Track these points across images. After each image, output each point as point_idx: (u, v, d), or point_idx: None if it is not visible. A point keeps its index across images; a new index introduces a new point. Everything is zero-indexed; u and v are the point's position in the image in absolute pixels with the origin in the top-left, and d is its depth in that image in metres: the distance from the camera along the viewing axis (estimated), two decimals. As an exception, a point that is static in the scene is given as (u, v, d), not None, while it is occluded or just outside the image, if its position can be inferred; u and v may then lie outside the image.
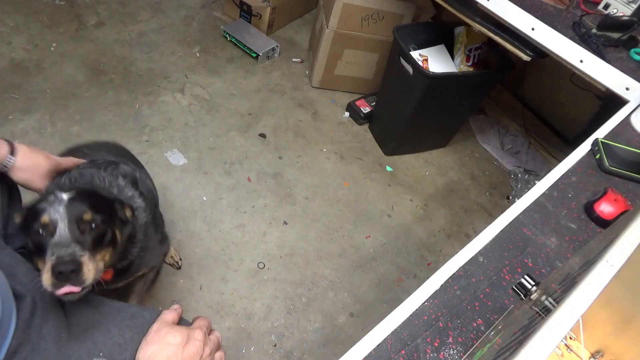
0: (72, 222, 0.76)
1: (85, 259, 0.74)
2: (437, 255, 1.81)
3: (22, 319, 0.62)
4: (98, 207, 0.81)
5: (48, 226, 0.75)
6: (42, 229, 0.75)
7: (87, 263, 0.73)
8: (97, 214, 0.80)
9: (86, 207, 0.79)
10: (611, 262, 0.47)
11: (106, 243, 0.82)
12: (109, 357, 0.67)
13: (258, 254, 1.64)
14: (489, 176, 2.20)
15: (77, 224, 0.77)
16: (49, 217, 0.76)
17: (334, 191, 1.92)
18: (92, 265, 0.75)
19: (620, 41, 1.31)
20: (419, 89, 1.79)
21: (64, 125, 1.81)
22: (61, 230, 0.75)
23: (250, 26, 2.45)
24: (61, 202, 0.78)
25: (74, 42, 2.16)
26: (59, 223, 0.76)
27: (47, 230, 0.75)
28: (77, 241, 0.75)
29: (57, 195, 0.79)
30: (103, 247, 0.81)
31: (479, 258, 0.79)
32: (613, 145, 1.04)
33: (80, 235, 0.76)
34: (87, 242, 0.77)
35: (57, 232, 0.75)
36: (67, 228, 0.75)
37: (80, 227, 0.77)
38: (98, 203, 0.83)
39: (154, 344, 0.67)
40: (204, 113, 2.05)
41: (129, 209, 0.91)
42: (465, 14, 1.55)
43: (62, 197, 0.79)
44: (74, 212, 0.77)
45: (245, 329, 1.45)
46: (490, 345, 0.60)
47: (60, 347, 0.64)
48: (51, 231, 0.75)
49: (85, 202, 0.80)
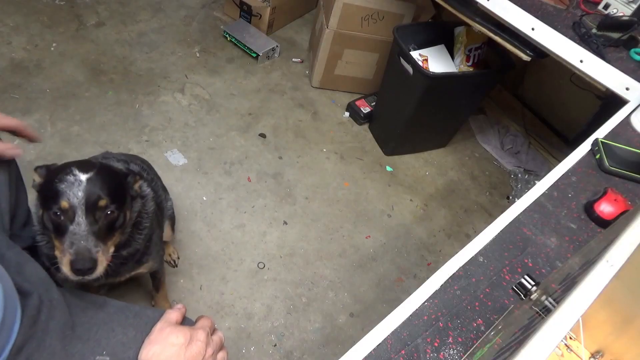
0: (90, 210, 0.80)
1: (100, 254, 0.79)
2: (437, 255, 1.81)
3: (28, 316, 0.62)
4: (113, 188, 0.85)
5: (67, 212, 0.79)
6: (62, 213, 0.80)
7: (101, 259, 0.80)
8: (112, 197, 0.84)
9: (103, 193, 0.82)
10: (611, 262, 0.47)
11: (117, 228, 0.87)
12: (112, 355, 0.67)
13: (258, 254, 1.64)
14: (489, 176, 2.20)
15: (94, 213, 0.81)
16: (69, 202, 0.79)
17: (334, 191, 1.92)
18: (105, 257, 0.81)
19: (620, 41, 1.31)
20: (419, 89, 1.79)
21: (64, 125, 1.81)
22: (79, 218, 0.79)
23: (250, 26, 2.45)
24: (80, 184, 0.81)
25: (74, 42, 2.16)
26: (77, 210, 0.79)
27: (67, 216, 0.79)
28: (93, 232, 0.80)
29: (76, 175, 0.81)
30: (114, 232, 0.86)
31: (479, 258, 0.79)
32: (613, 145, 1.04)
33: (95, 225, 0.81)
34: (102, 231, 0.82)
35: (75, 219, 0.79)
36: (84, 216, 0.79)
37: (96, 216, 0.81)
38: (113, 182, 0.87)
39: (157, 344, 0.68)
40: (204, 113, 2.05)
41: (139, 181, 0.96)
42: (465, 14, 1.55)
43: (81, 178, 0.82)
44: (92, 199, 0.81)
45: (245, 329, 1.45)
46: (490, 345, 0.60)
47: (64, 345, 0.64)
48: (70, 217, 0.79)
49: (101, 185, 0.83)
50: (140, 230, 1.00)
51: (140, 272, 1.11)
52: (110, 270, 0.99)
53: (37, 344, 0.62)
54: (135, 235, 0.99)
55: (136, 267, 1.07)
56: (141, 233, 1.00)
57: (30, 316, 0.62)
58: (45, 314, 0.64)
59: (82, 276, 0.78)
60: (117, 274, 1.03)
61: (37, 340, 0.62)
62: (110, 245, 0.85)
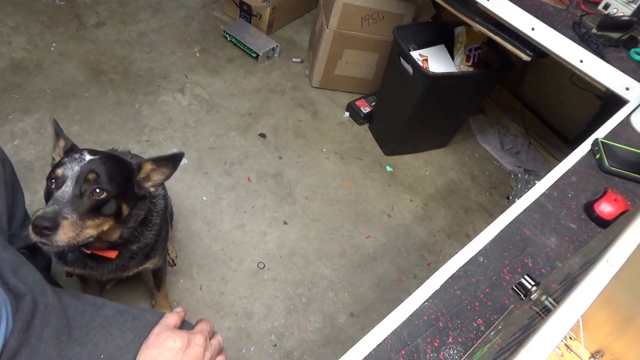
0: (78, 181, 0.82)
1: (66, 222, 0.78)
2: (437, 255, 1.81)
3: (22, 320, 0.62)
4: (112, 173, 0.86)
5: (58, 179, 0.82)
6: (54, 180, 0.83)
7: (65, 226, 0.78)
8: (108, 180, 0.84)
9: (97, 171, 0.84)
10: (611, 262, 0.47)
11: (106, 213, 0.85)
12: (109, 359, 0.67)
13: (258, 254, 1.64)
14: (489, 176, 2.20)
15: (80, 185, 0.82)
16: (63, 171, 0.82)
17: (334, 191, 1.92)
18: (71, 229, 0.79)
19: (620, 41, 1.31)
20: (419, 89, 1.79)
21: (64, 125, 1.80)
22: (66, 187, 0.81)
23: (250, 26, 2.45)
24: (82, 161, 0.84)
25: (74, 42, 2.16)
26: (67, 180, 0.81)
27: (57, 183, 0.82)
28: (72, 202, 0.80)
29: (83, 154, 0.86)
30: (100, 215, 0.84)
31: (479, 258, 0.79)
32: (613, 145, 1.04)
33: (78, 198, 0.81)
34: (83, 206, 0.81)
35: (62, 187, 0.81)
36: (71, 186, 0.81)
37: (82, 189, 0.82)
38: (116, 171, 0.87)
39: (154, 348, 0.67)
40: (204, 113, 2.05)
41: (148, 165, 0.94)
42: (465, 14, 1.55)
43: (86, 157, 0.85)
44: (84, 173, 0.83)
45: (245, 329, 1.45)
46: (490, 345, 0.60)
47: (60, 350, 0.64)
48: (59, 185, 0.82)
49: (100, 166, 0.85)
50: (150, 226, 1.03)
51: (146, 267, 1.13)
52: (119, 265, 1.02)
53: (31, 351, 0.61)
54: (145, 231, 1.01)
55: (144, 262, 1.09)
56: (151, 229, 1.03)
57: (24, 320, 0.62)
58: (39, 319, 0.64)
59: (39, 236, 0.76)
60: (125, 269, 1.05)
61: (31, 346, 0.61)
62: (88, 227, 0.82)
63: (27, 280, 0.68)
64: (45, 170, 1.64)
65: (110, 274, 1.04)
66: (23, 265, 0.71)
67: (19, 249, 1.01)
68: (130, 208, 0.92)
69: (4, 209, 0.91)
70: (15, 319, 0.61)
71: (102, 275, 1.04)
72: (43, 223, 0.75)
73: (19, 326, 0.61)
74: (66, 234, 0.78)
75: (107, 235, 0.92)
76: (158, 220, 1.04)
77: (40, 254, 1.19)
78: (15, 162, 1.61)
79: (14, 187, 1.03)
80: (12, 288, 0.65)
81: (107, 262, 1.01)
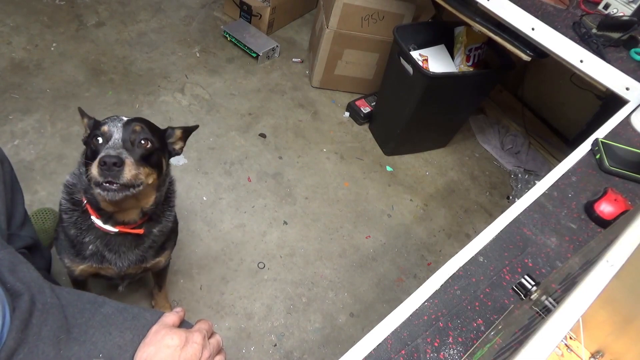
0: (126, 133, 0.90)
1: (128, 161, 0.85)
2: (437, 255, 1.81)
3: (20, 319, 0.61)
4: (152, 128, 0.95)
5: (105, 134, 0.89)
6: (101, 136, 0.89)
7: (129, 164, 0.84)
8: (150, 131, 0.93)
9: (140, 124, 0.93)
10: (611, 262, 0.47)
11: (152, 163, 0.92)
12: (108, 358, 0.67)
13: (258, 254, 1.64)
14: (489, 176, 2.20)
15: (129, 136, 0.90)
16: (108, 128, 0.90)
17: (334, 191, 1.92)
18: (134, 168, 0.85)
19: (620, 41, 1.31)
20: (419, 89, 1.79)
21: (64, 125, 1.81)
22: (115, 139, 0.88)
23: (250, 26, 2.45)
24: (121, 121, 0.92)
25: (74, 42, 2.16)
26: (114, 133, 0.89)
27: (104, 137, 0.89)
28: (126, 148, 0.88)
29: (120, 117, 0.94)
30: (148, 164, 0.91)
31: (479, 258, 0.79)
32: (613, 145, 1.04)
33: (130, 145, 0.89)
34: (135, 152, 0.89)
35: (111, 140, 0.88)
36: (120, 138, 0.89)
37: (131, 139, 0.90)
38: (152, 128, 0.96)
39: (152, 346, 0.67)
40: (204, 113, 2.05)
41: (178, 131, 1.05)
42: (465, 14, 1.55)
43: (123, 118, 0.94)
44: (129, 127, 0.91)
45: (245, 329, 1.45)
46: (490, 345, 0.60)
47: (59, 349, 0.63)
48: (107, 138, 0.89)
49: (140, 121, 0.94)
50: (171, 207, 1.07)
51: (159, 260, 1.14)
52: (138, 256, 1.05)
53: (30, 350, 0.61)
54: (165, 211, 1.05)
55: (160, 253, 1.12)
56: (171, 210, 1.07)
57: (21, 319, 0.61)
58: (37, 318, 0.63)
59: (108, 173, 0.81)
60: (144, 259, 1.07)
61: (30, 345, 0.61)
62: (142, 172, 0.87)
63: (25, 279, 0.68)
64: (45, 170, 1.64)
65: (130, 267, 1.05)
66: (21, 264, 0.71)
67: (18, 248, 1.01)
68: (167, 166, 1.00)
69: (2, 209, 0.91)
70: (13, 318, 0.61)
71: (122, 268, 1.04)
72: (112, 160, 0.81)
73: (16, 325, 0.60)
74: (131, 171, 0.84)
75: (145, 197, 0.97)
76: (175, 203, 1.09)
77: (39, 254, 1.19)
78: (15, 162, 1.61)
79: (14, 187, 1.03)
80: (10, 287, 0.64)
81: (128, 252, 1.03)
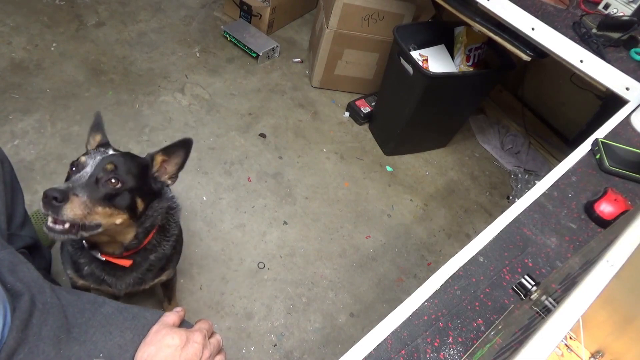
0: (97, 169, 0.84)
1: (76, 199, 0.78)
2: (437, 255, 1.81)
3: (20, 319, 0.62)
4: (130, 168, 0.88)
5: (79, 165, 0.86)
6: (76, 166, 0.86)
7: (74, 202, 0.78)
8: (125, 173, 0.86)
9: (116, 162, 0.86)
10: (611, 262, 0.47)
11: (119, 204, 0.85)
12: (108, 358, 0.67)
13: (258, 254, 1.64)
14: (489, 176, 2.20)
15: (98, 173, 0.84)
16: (85, 159, 0.86)
17: (334, 191, 1.92)
18: (80, 208, 0.78)
19: (620, 41, 1.31)
20: (419, 89, 1.79)
21: (64, 125, 1.81)
22: (85, 172, 0.83)
23: (250, 26, 2.45)
24: (104, 154, 0.87)
25: (74, 42, 2.16)
26: (87, 167, 0.84)
27: (77, 168, 0.85)
28: (87, 185, 0.81)
29: (107, 148, 0.91)
30: (112, 205, 0.84)
31: (479, 258, 0.79)
32: (613, 145, 1.04)
33: (93, 183, 0.83)
34: (98, 192, 0.82)
35: (82, 172, 0.83)
36: (89, 173, 0.83)
37: (98, 176, 0.83)
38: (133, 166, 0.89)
39: (152, 345, 0.67)
40: (204, 113, 2.05)
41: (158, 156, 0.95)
42: (465, 14, 1.55)
43: (108, 152, 0.89)
44: (103, 163, 0.85)
45: (245, 329, 1.45)
46: (490, 345, 0.60)
47: (59, 349, 0.63)
48: (79, 170, 0.85)
49: (119, 160, 0.87)
50: (168, 237, 1.02)
51: (161, 279, 1.12)
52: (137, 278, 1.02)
53: (30, 349, 0.61)
54: (162, 241, 1.01)
55: (160, 274, 1.09)
56: (169, 240, 1.02)
57: (22, 319, 0.61)
58: (37, 318, 0.63)
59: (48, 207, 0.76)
60: (142, 281, 1.04)
61: (30, 345, 0.61)
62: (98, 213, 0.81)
63: (25, 279, 0.68)
64: (45, 170, 1.64)
65: (127, 288, 1.03)
66: (21, 264, 0.71)
67: (18, 248, 1.01)
68: (145, 205, 0.92)
69: (2, 209, 0.91)
70: (13, 318, 0.61)
71: (120, 290, 1.03)
72: (53, 193, 0.76)
73: (17, 325, 0.60)
74: (74, 209, 0.78)
75: (121, 235, 0.91)
76: (176, 231, 1.05)
77: (40, 254, 1.19)
78: (15, 162, 1.61)
79: (14, 187, 1.03)
80: (10, 287, 0.64)
81: (125, 276, 1.00)
